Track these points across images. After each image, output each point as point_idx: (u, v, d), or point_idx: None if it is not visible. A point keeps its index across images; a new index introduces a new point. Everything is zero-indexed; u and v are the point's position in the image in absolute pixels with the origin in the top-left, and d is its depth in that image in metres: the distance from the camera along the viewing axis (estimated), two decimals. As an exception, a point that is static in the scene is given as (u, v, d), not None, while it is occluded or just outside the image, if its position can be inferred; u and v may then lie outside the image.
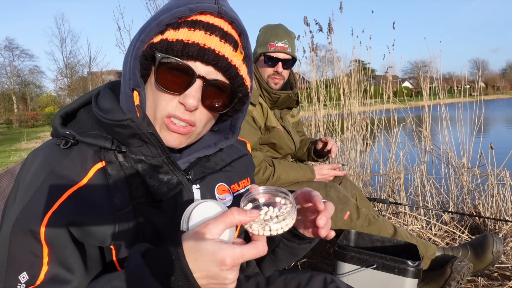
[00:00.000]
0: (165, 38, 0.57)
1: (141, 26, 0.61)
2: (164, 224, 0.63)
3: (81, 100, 0.67)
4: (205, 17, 0.59)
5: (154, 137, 0.59)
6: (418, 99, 3.85)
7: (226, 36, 0.59)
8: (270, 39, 1.68)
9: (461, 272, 1.42)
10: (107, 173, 0.59)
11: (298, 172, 1.72)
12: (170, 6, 0.59)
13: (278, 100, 1.75)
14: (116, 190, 0.58)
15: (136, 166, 0.61)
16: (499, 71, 58.71)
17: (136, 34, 0.61)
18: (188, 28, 0.58)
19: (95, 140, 0.60)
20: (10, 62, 33.35)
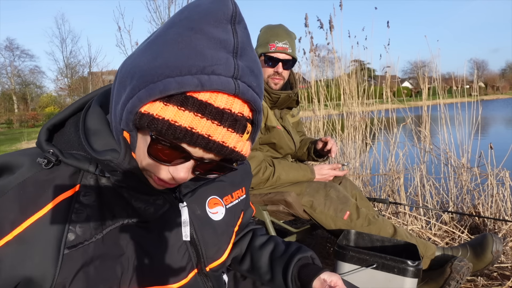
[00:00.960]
0: (168, 120, 0.49)
1: (145, 64, 0.50)
2: (151, 243, 0.62)
3: (70, 109, 0.64)
4: (218, 96, 0.50)
5: (135, 175, 0.57)
6: (418, 99, 3.86)
7: (236, 124, 0.51)
8: (270, 39, 1.68)
9: (461, 271, 1.43)
10: (75, 200, 0.56)
11: (298, 172, 1.73)
12: (180, 64, 0.49)
13: (278, 100, 1.75)
14: (75, 223, 0.55)
15: (121, 191, 0.59)
16: (499, 71, 58.77)
17: (137, 72, 0.51)
18: (194, 113, 0.49)
19: (78, 163, 0.57)
20: (11, 62, 33.34)
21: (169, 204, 0.63)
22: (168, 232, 0.64)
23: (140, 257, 0.60)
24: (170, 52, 0.49)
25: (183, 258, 0.66)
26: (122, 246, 0.59)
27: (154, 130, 0.49)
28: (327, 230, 1.63)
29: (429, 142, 3.01)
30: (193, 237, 0.67)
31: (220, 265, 0.74)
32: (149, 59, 0.50)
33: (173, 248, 0.64)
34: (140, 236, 0.61)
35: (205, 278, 0.70)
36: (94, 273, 0.56)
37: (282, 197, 1.61)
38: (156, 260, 0.62)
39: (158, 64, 0.49)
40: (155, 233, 0.62)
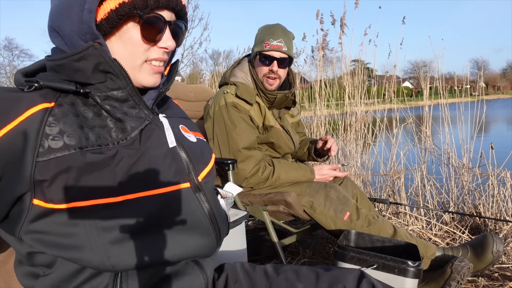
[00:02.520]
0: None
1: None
2: (137, 154, 0.63)
3: (38, 64, 0.67)
4: None
5: (117, 63, 0.62)
6: (419, 99, 3.85)
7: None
8: (265, 37, 1.67)
9: (461, 272, 1.42)
10: (50, 113, 0.58)
11: (298, 172, 1.72)
12: None
13: (275, 100, 1.74)
14: (48, 134, 0.57)
15: (103, 104, 0.63)
16: (500, 71, 58.70)
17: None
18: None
19: (59, 84, 0.60)
20: (10, 62, 33.35)
21: (151, 118, 0.68)
22: (152, 142, 0.66)
23: (126, 168, 0.61)
24: None
25: (171, 165, 0.67)
26: (106, 160, 0.60)
27: (135, 10, 0.60)
28: (327, 230, 1.63)
29: (430, 142, 3.00)
30: (178, 145, 0.70)
31: (209, 174, 0.75)
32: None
33: (159, 157, 0.66)
34: (124, 149, 0.62)
35: (198, 192, 0.70)
36: (73, 183, 0.57)
37: (282, 197, 1.61)
38: (144, 169, 0.63)
39: None
40: (140, 145, 0.65)
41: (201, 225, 0.69)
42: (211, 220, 0.70)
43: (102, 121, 0.63)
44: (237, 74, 1.76)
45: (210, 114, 1.73)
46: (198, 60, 11.02)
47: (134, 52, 0.64)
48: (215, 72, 6.34)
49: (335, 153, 1.82)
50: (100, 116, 0.63)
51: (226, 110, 1.66)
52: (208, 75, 8.65)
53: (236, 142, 1.64)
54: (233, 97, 1.67)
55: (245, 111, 1.68)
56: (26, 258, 0.63)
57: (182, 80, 9.98)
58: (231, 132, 1.65)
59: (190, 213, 0.67)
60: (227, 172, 1.65)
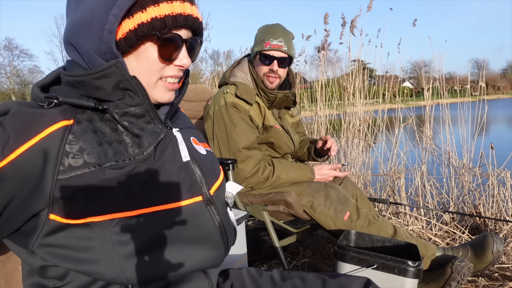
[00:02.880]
0: (155, 17, 0.61)
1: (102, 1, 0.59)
2: (152, 170, 0.64)
3: (52, 76, 0.68)
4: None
5: (136, 81, 0.63)
6: (419, 99, 3.85)
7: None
8: (265, 37, 1.68)
9: (462, 272, 1.42)
10: (70, 131, 0.59)
11: (298, 172, 1.72)
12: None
13: (275, 100, 1.74)
14: (68, 152, 0.58)
15: (121, 120, 0.64)
16: (500, 71, 58.68)
17: (96, 7, 0.59)
18: (166, 2, 0.61)
19: (78, 100, 0.61)
20: (10, 62, 33.38)
21: (164, 132, 0.69)
22: (167, 157, 0.67)
23: (141, 182, 0.62)
24: None
25: (185, 179, 0.68)
26: (123, 175, 0.61)
27: (154, 31, 0.61)
28: (327, 230, 1.63)
29: (431, 142, 3.00)
30: (192, 159, 0.71)
31: (220, 187, 0.76)
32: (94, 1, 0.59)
33: (174, 171, 0.67)
34: (141, 163, 0.63)
35: (210, 206, 0.71)
36: (91, 199, 0.58)
37: (282, 197, 1.61)
38: (159, 183, 0.64)
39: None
40: (155, 160, 0.66)
41: (212, 238, 0.70)
42: (221, 233, 0.71)
43: (119, 136, 0.64)
44: (236, 74, 1.76)
45: (210, 114, 1.73)
46: (198, 60, 11.03)
47: (150, 70, 0.65)
48: (215, 72, 6.33)
49: (335, 153, 1.82)
50: (116, 131, 0.64)
51: (226, 110, 1.66)
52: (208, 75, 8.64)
53: (236, 142, 1.64)
54: (232, 97, 1.67)
55: (245, 111, 1.68)
56: (37, 271, 0.63)
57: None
58: (231, 132, 1.65)
59: (202, 227, 0.68)
60: (227, 172, 1.65)
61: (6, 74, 33.18)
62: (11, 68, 33.53)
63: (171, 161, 0.67)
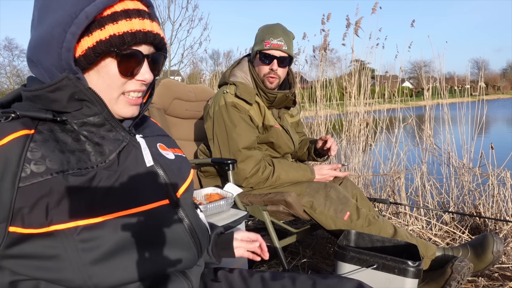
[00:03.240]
0: (114, 34, 0.62)
1: (53, 17, 0.61)
2: (116, 176, 0.65)
3: (12, 95, 0.69)
4: (126, 3, 0.64)
5: (92, 91, 0.64)
6: (420, 99, 3.85)
7: (150, 16, 0.67)
8: (265, 37, 1.67)
9: (462, 272, 1.42)
10: (31, 139, 0.59)
11: (298, 172, 1.72)
12: None
13: (275, 100, 1.74)
14: (30, 160, 0.58)
15: (80, 130, 0.65)
16: (500, 71, 58.66)
17: (54, 26, 0.60)
18: (125, 19, 0.63)
19: (36, 113, 0.62)
20: (10, 61, 33.35)
21: (128, 139, 0.70)
22: (130, 162, 0.69)
23: (105, 188, 0.63)
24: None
25: (150, 184, 0.69)
26: (85, 182, 0.61)
27: (112, 47, 0.62)
28: (327, 230, 1.63)
29: (431, 142, 3.00)
30: (156, 164, 0.72)
31: (187, 190, 0.77)
32: (56, 15, 0.60)
33: (138, 176, 0.68)
34: (103, 170, 0.64)
35: (177, 209, 0.72)
36: (54, 206, 0.58)
37: (282, 197, 1.61)
38: (122, 188, 0.65)
39: (68, 7, 0.60)
40: (118, 166, 0.67)
41: (181, 240, 0.71)
42: (191, 235, 0.73)
43: (80, 145, 0.65)
44: (236, 74, 1.76)
45: (210, 114, 1.73)
46: (198, 60, 11.03)
47: (111, 85, 0.66)
48: (215, 72, 6.33)
49: (335, 153, 1.82)
50: (78, 141, 0.65)
51: (226, 110, 1.66)
52: (208, 75, 8.64)
53: (236, 142, 1.64)
54: (232, 97, 1.67)
55: (245, 110, 1.68)
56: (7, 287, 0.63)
57: (182, 80, 9.97)
58: (231, 132, 1.65)
59: (170, 229, 0.69)
60: (227, 172, 1.65)
61: (6, 74, 33.16)
62: (11, 68, 33.48)
63: (134, 167, 0.68)
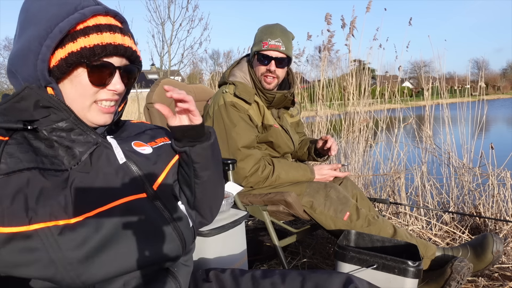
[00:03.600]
0: (85, 46, 0.67)
1: (30, 31, 0.66)
2: (89, 176, 0.67)
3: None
4: (98, 18, 0.70)
5: (55, 98, 0.67)
6: (419, 99, 3.85)
7: (122, 30, 0.72)
8: (263, 37, 1.68)
9: (461, 272, 1.42)
10: (6, 143, 0.63)
11: (298, 172, 1.72)
12: (57, 12, 0.66)
13: (274, 100, 1.74)
14: (8, 155, 0.62)
15: (51, 136, 0.68)
16: (500, 71, 58.66)
17: (31, 39, 0.66)
18: (96, 33, 0.68)
19: (6, 123, 0.65)
20: (11, 61, 33.30)
21: (99, 141, 0.73)
22: (102, 162, 0.71)
23: (80, 188, 0.65)
24: (46, 11, 0.66)
25: (124, 179, 0.71)
26: (61, 183, 0.64)
27: (82, 59, 0.67)
28: (327, 230, 1.63)
29: (431, 142, 3.00)
30: (129, 160, 0.74)
31: (165, 182, 0.79)
32: (33, 30, 0.66)
33: (111, 173, 0.71)
34: (76, 172, 0.67)
35: (156, 201, 0.74)
36: (34, 201, 0.60)
37: (282, 197, 1.61)
38: (97, 186, 0.67)
39: (44, 23, 0.65)
40: (91, 166, 0.69)
41: (163, 232, 0.73)
42: (173, 226, 0.75)
43: (54, 151, 0.68)
44: (236, 74, 1.76)
45: (210, 113, 1.73)
46: (198, 60, 11.03)
47: (83, 94, 0.70)
48: (215, 72, 6.33)
49: (335, 153, 1.82)
50: (52, 147, 0.68)
51: (225, 109, 1.66)
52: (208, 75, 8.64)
53: (235, 141, 1.64)
54: (231, 96, 1.67)
55: (244, 110, 1.68)
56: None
57: (182, 80, 9.97)
58: (230, 131, 1.65)
59: (150, 221, 0.71)
60: (227, 172, 1.65)
61: (6, 74, 33.13)
62: (11, 68, 33.41)
63: (107, 165, 0.71)
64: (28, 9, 0.69)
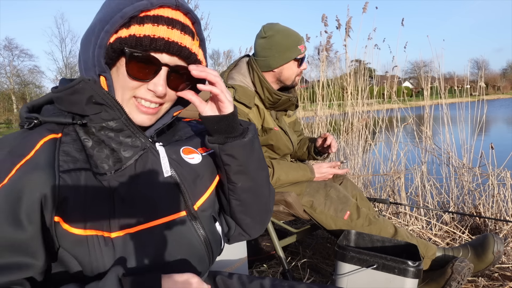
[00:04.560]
0: (133, 34, 0.61)
1: (100, 15, 0.64)
2: (134, 185, 0.64)
3: (46, 97, 0.70)
4: (165, 11, 0.64)
5: (109, 96, 0.63)
6: (419, 99, 3.85)
7: (185, 28, 0.65)
8: (298, 42, 1.68)
9: (462, 272, 1.42)
10: (60, 141, 0.62)
11: (298, 172, 1.72)
12: (125, 3, 0.62)
13: (278, 102, 1.74)
14: (65, 154, 0.61)
15: (99, 134, 0.65)
16: (500, 71, 58.68)
17: (97, 23, 0.63)
18: (152, 24, 0.62)
19: (56, 118, 0.63)
20: (10, 62, 33.29)
21: (147, 146, 0.68)
22: (148, 172, 0.67)
23: (124, 200, 0.63)
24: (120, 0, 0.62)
25: (168, 195, 0.68)
26: (104, 191, 0.62)
27: (126, 46, 0.61)
28: (327, 230, 1.63)
29: (431, 142, 3.00)
30: (174, 174, 0.70)
31: (207, 202, 0.74)
32: (100, 14, 0.63)
33: (155, 186, 0.67)
34: (119, 178, 0.64)
35: (195, 221, 0.71)
36: (88, 202, 0.60)
37: (282, 197, 1.61)
38: (140, 200, 0.64)
39: (114, 6, 0.62)
40: (135, 174, 0.66)
41: (197, 253, 0.71)
42: (206, 247, 0.72)
43: (101, 149, 0.65)
44: (234, 77, 1.73)
45: None
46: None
47: (123, 86, 0.65)
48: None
49: (336, 150, 1.82)
50: (100, 144, 0.65)
51: None
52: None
53: None
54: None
55: (244, 114, 1.66)
56: None
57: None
58: None
59: (186, 243, 0.69)
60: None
61: (6, 74, 33.11)
62: (11, 68, 33.45)
63: (151, 177, 0.67)
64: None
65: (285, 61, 1.69)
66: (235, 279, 0.85)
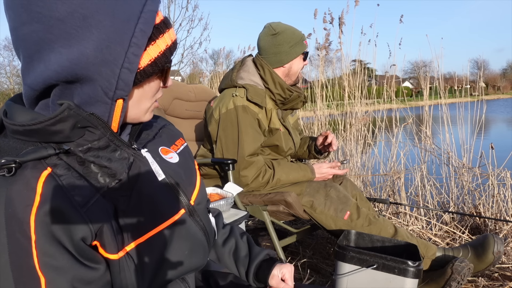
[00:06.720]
0: (163, 50, 0.61)
1: (97, 35, 0.54)
2: (132, 198, 0.64)
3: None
4: (159, 15, 0.62)
5: (93, 116, 0.58)
6: (419, 99, 3.85)
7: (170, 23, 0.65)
8: (302, 37, 1.77)
9: (462, 272, 1.42)
10: (56, 175, 0.56)
11: (298, 173, 1.71)
12: (132, 11, 0.56)
13: (290, 98, 1.75)
14: (72, 188, 0.57)
15: (87, 156, 0.60)
16: (500, 71, 58.69)
17: (104, 44, 0.55)
18: (167, 29, 0.62)
19: (37, 154, 0.56)
20: (10, 62, 33.31)
21: (133, 155, 0.67)
22: (142, 181, 0.66)
23: (127, 213, 0.62)
24: (117, 10, 0.55)
25: (167, 197, 0.69)
26: (109, 210, 0.61)
27: (166, 63, 0.62)
28: (327, 230, 1.63)
29: (430, 142, 3.00)
30: (165, 176, 0.70)
31: (199, 195, 0.77)
32: (99, 34, 0.54)
33: (153, 191, 0.67)
34: (120, 193, 0.63)
35: (195, 216, 0.73)
36: (116, 227, 0.61)
37: (282, 197, 1.61)
38: (143, 209, 0.64)
39: (120, 21, 0.55)
40: (131, 186, 0.65)
41: (202, 245, 0.74)
42: (207, 239, 0.76)
43: (93, 169, 0.61)
44: (243, 77, 1.72)
45: (215, 116, 1.69)
46: (198, 60, 11.01)
47: (148, 97, 0.66)
48: (215, 72, 6.32)
49: (336, 148, 1.83)
50: (90, 165, 0.61)
51: (235, 113, 1.63)
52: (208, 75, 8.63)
53: (242, 149, 1.62)
54: (243, 100, 1.64)
55: (255, 114, 1.66)
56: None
57: (182, 80, 9.97)
58: (237, 137, 1.63)
59: (192, 237, 0.71)
60: (227, 172, 1.65)
61: (6, 74, 33.10)
62: (11, 68, 33.39)
63: (147, 185, 0.66)
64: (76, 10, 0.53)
65: (296, 55, 1.76)
66: (230, 277, 0.87)
